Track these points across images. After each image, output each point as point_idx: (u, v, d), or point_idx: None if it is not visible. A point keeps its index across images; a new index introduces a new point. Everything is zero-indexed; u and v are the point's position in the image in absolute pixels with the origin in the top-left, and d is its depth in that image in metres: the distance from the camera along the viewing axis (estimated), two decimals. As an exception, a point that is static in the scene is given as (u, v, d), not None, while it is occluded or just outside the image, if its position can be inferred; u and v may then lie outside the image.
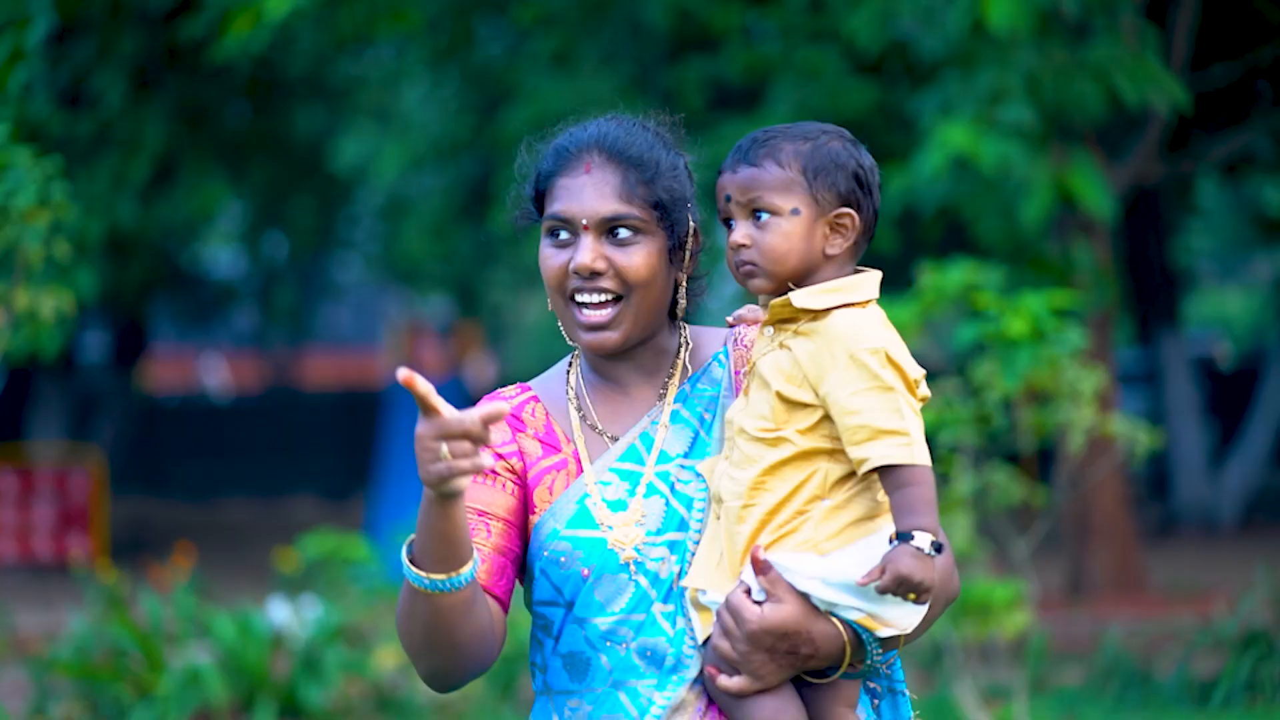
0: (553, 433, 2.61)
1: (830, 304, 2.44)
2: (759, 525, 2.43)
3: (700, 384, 2.61)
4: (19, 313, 6.35)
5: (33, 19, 10.07)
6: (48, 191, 6.29)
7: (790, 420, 2.43)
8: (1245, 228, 23.84)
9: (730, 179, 2.48)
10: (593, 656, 2.52)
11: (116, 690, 7.89)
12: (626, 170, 2.54)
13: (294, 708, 8.06)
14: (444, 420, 2.30)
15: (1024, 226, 9.15)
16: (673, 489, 2.54)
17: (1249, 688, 7.74)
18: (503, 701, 8.10)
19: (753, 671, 2.42)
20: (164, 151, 13.66)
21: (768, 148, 2.47)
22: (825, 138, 2.48)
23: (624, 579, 2.51)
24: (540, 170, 2.60)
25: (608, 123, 2.59)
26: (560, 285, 2.55)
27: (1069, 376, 6.01)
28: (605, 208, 2.53)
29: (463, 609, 2.44)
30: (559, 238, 2.55)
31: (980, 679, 7.38)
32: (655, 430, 2.58)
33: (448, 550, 2.40)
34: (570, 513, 2.55)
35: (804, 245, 2.45)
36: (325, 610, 8.40)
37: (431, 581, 2.41)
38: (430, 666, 2.50)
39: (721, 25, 10.88)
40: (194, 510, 21.35)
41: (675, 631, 2.49)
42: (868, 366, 2.38)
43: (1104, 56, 9.03)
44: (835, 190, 2.46)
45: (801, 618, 2.40)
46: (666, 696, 2.48)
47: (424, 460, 2.33)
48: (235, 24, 10.00)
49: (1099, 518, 11.52)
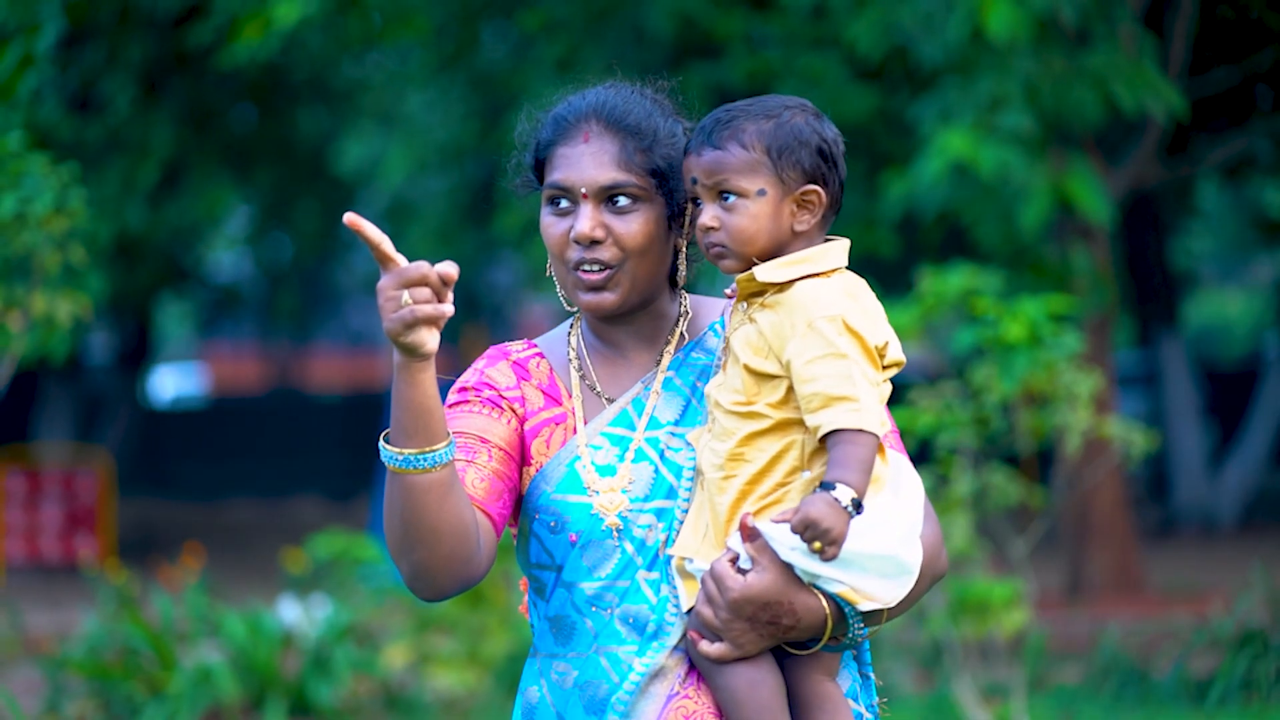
0: (555, 386, 2.62)
1: (793, 275, 2.45)
2: (739, 496, 2.43)
3: (695, 353, 2.62)
4: (36, 318, 6.47)
5: (42, 25, 10.17)
6: (64, 199, 6.41)
7: (760, 393, 2.44)
8: (1246, 230, 23.81)
9: (696, 161, 2.47)
10: (578, 620, 2.53)
11: (129, 688, 7.96)
12: (625, 138, 2.54)
13: (304, 706, 8.14)
14: (402, 269, 2.29)
15: (1023, 231, 9.24)
16: (662, 456, 2.55)
17: (1244, 686, 7.76)
18: (508, 700, 8.15)
19: (734, 639, 2.42)
20: (171, 156, 13.75)
21: (730, 129, 2.45)
22: (789, 114, 2.47)
23: (610, 545, 2.51)
24: (540, 139, 2.60)
25: (605, 90, 2.59)
26: (561, 252, 2.56)
27: (1065, 380, 6.11)
28: (604, 176, 2.53)
29: (440, 491, 2.40)
30: (559, 206, 2.56)
31: (980, 677, 7.42)
32: (647, 396, 2.59)
33: (419, 422, 2.37)
34: (560, 476, 2.55)
35: (771, 225, 2.45)
36: (335, 609, 8.48)
37: (405, 458, 2.38)
38: (411, 563, 2.45)
39: (724, 32, 10.96)
40: (199, 511, 21.41)
41: (658, 599, 2.50)
42: (823, 334, 2.39)
43: (1102, 64, 9.11)
44: (800, 168, 2.45)
45: (783, 588, 2.39)
46: (645, 663, 2.48)
47: (386, 311, 2.31)
48: (245, 31, 10.09)
49: (1098, 519, 11.60)
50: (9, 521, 15.49)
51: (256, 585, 12.14)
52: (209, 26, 11.53)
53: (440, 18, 12.14)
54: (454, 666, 8.10)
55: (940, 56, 9.04)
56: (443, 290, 2.30)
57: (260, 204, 19.22)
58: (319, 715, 8.11)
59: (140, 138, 13.29)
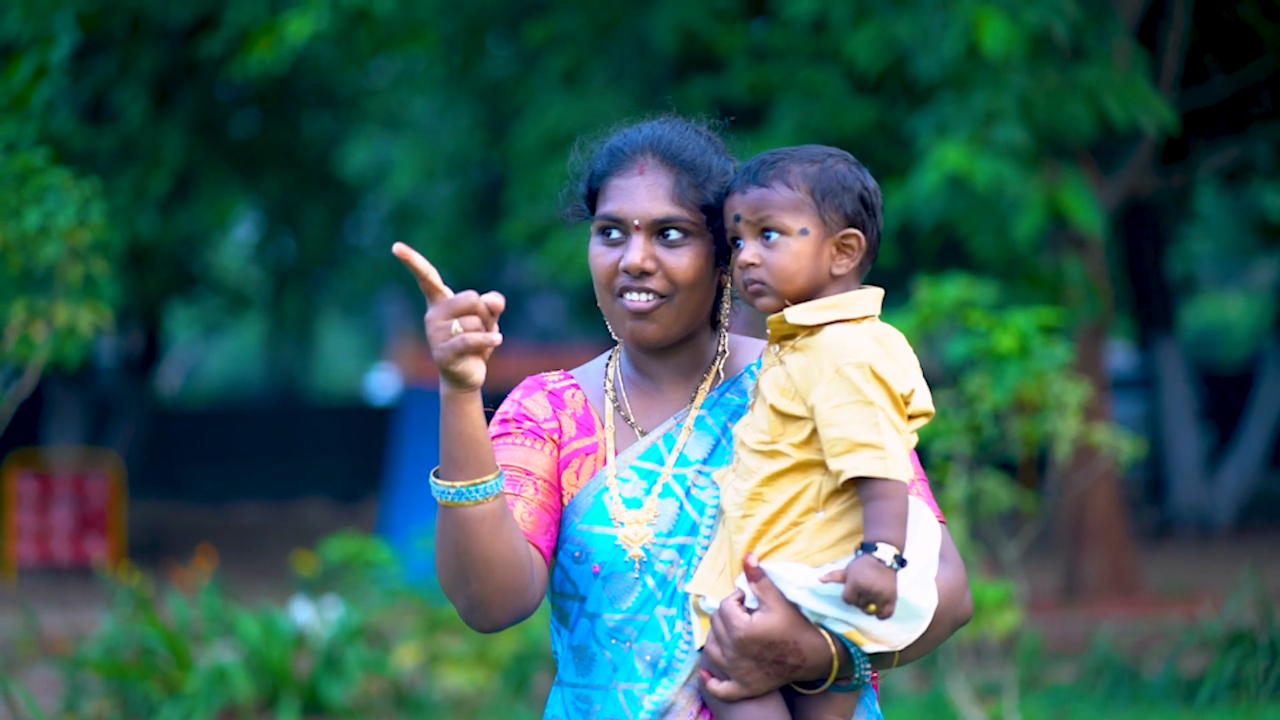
0: (589, 417, 2.63)
1: (823, 319, 2.46)
2: (755, 535, 2.45)
3: (729, 393, 2.62)
4: (60, 328, 6.65)
5: (57, 37, 10.31)
6: (86, 212, 6.59)
7: (785, 433, 2.45)
8: (1246, 233, 23.75)
9: (740, 199, 2.49)
10: (598, 652, 2.54)
11: (146, 688, 8.07)
12: (679, 173, 2.55)
13: (316, 704, 8.25)
14: (451, 299, 2.31)
15: (1017, 242, 9.37)
16: (688, 493, 2.55)
17: (1233, 686, 7.88)
18: (517, 699, 8.27)
19: (740, 678, 2.43)
20: (182, 164, 13.87)
21: (776, 169, 2.48)
22: (831, 160, 2.50)
23: (631, 578, 2.53)
24: (594, 169, 2.60)
25: (661, 125, 2.59)
26: (609, 282, 2.56)
27: (1055, 389, 6.28)
28: (658, 209, 2.54)
29: (493, 522, 2.41)
30: (610, 236, 2.56)
31: (975, 677, 7.54)
32: (679, 433, 2.59)
33: (468, 453, 2.38)
34: (588, 506, 2.56)
35: (812, 265, 2.47)
36: (346, 611, 8.59)
37: (457, 490, 2.39)
38: (468, 596, 2.46)
39: (726, 46, 11.09)
40: (207, 513, 21.48)
41: (671, 635, 2.51)
42: (851, 380, 2.40)
43: (1094, 78, 9.26)
44: (842, 211, 2.48)
45: (788, 628, 2.40)
46: (654, 700, 2.49)
47: (436, 340, 2.32)
48: (257, 46, 10.23)
49: (1093, 522, 11.72)
50: (20, 524, 15.58)
51: (266, 587, 12.22)
52: (219, 38, 11.67)
53: (448, 29, 12.28)
54: (463, 666, 8.19)
55: (937, 71, 9.16)
56: (490, 319, 2.32)
57: (267, 209, 19.31)
58: (331, 714, 8.22)
59: (152, 147, 13.41)
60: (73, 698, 8.19)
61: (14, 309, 6.57)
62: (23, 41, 10.35)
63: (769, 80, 10.79)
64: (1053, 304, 9.73)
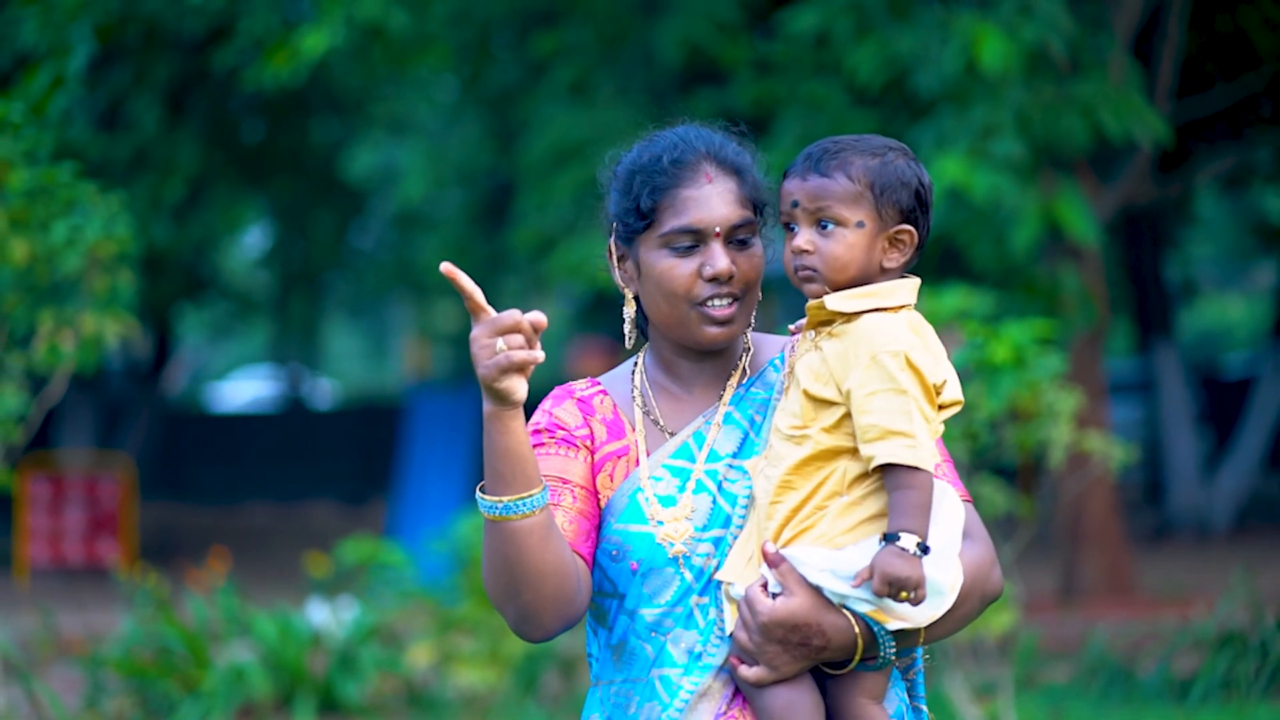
0: (619, 421, 2.65)
1: (862, 307, 2.48)
2: (783, 522, 2.48)
3: (755, 388, 2.65)
4: (86, 337, 6.85)
5: (73, 48, 10.49)
6: (113, 225, 6.80)
7: (816, 418, 2.48)
8: (1247, 236, 23.73)
9: (800, 185, 2.51)
10: (638, 646, 2.57)
11: (165, 686, 8.22)
12: (739, 177, 2.59)
13: (331, 702, 8.40)
14: (496, 317, 2.34)
15: (1014, 252, 9.51)
16: (720, 487, 2.58)
17: (1225, 685, 7.97)
18: (527, 697, 8.39)
19: (768, 662, 2.46)
20: (195, 172, 14.02)
21: (839, 159, 2.50)
22: (892, 155, 2.52)
23: (670, 572, 2.56)
24: (655, 184, 2.58)
25: (700, 130, 2.63)
26: (688, 291, 2.57)
27: (1048, 399, 6.48)
28: (734, 215, 2.57)
29: (541, 534, 2.45)
30: (679, 248, 2.57)
31: (973, 676, 7.69)
32: (708, 430, 2.61)
33: (514, 468, 2.42)
34: (623, 507, 2.59)
35: (864, 257, 2.49)
36: (361, 611, 8.73)
37: (505, 504, 2.43)
38: (517, 607, 2.49)
39: (730, 59, 11.25)
40: (216, 515, 21.58)
41: (706, 623, 2.55)
42: (886, 368, 2.42)
43: (1089, 93, 9.43)
44: (898, 207, 2.50)
45: (811, 610, 2.43)
46: (693, 683, 2.53)
47: (481, 359, 2.36)
48: (273, 61, 10.39)
49: (1090, 525, 11.83)
50: (33, 526, 15.72)
51: (276, 587, 12.31)
52: (233, 49, 11.83)
53: (458, 41, 12.42)
54: (475, 665, 8.30)
55: (936, 86, 9.29)
56: (533, 337, 2.36)
57: (276, 214, 19.45)
58: (346, 712, 8.36)
59: (166, 155, 13.55)
60: (94, 696, 8.31)
61: (42, 318, 6.80)
62: (40, 52, 10.52)
63: (773, 93, 10.90)
64: (1049, 313, 9.87)
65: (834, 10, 9.97)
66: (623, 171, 2.64)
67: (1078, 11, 9.82)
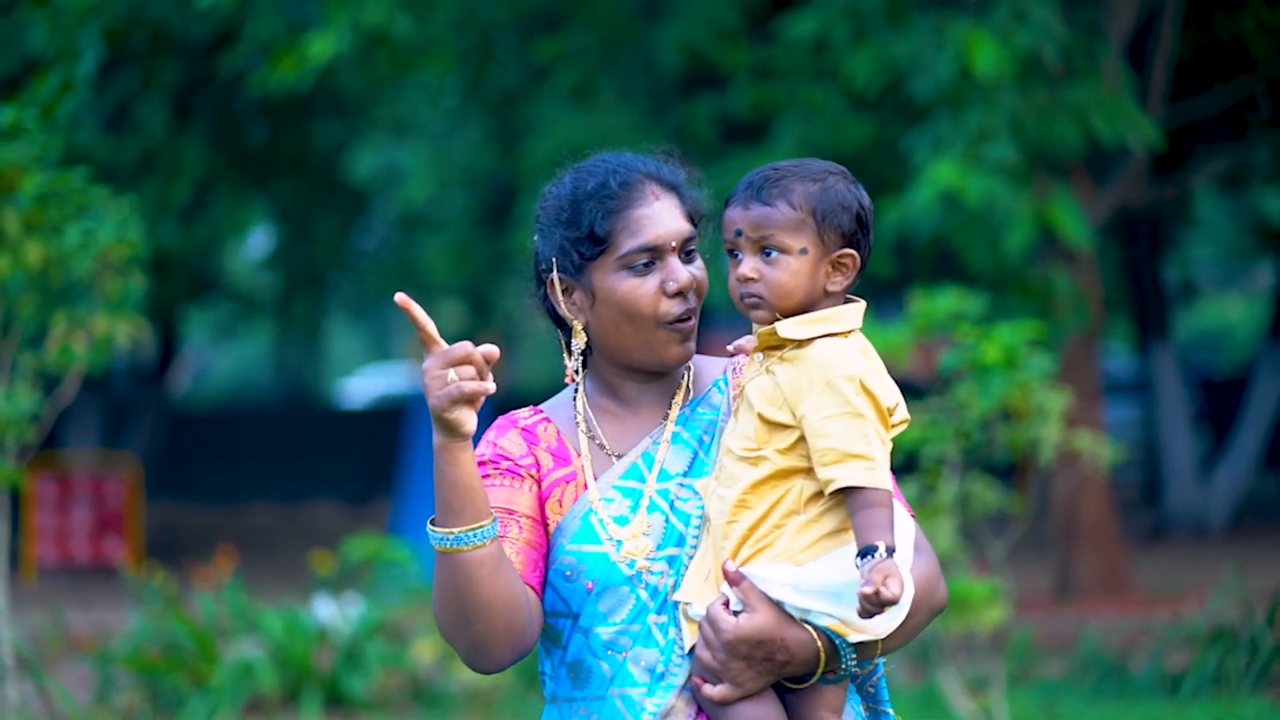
0: (564, 447, 2.64)
1: (814, 333, 2.50)
2: (740, 541, 2.50)
3: (700, 407, 2.65)
4: (98, 338, 6.98)
5: (82, 52, 10.59)
6: (125, 229, 6.93)
7: (770, 440, 2.49)
8: (1246, 236, 23.67)
9: (742, 214, 2.51)
10: (594, 665, 2.56)
11: (174, 681, 8.32)
12: (679, 194, 2.62)
13: (337, 697, 8.50)
14: (447, 350, 2.37)
15: (1008, 255, 9.64)
16: (672, 506, 2.58)
17: (1215, 680, 8.11)
18: (530, 690, 8.47)
19: (733, 679, 2.47)
20: (202, 175, 14.12)
21: (780, 187, 2.51)
22: (832, 179, 2.53)
23: (625, 591, 2.55)
24: (608, 208, 2.58)
25: (633, 155, 2.64)
26: (654, 310, 2.57)
27: (1038, 398, 6.62)
28: (684, 228, 2.59)
29: (491, 565, 2.45)
30: (638, 267, 2.58)
31: (966, 671, 7.79)
32: (656, 450, 2.61)
33: (464, 500, 2.42)
34: (575, 528, 2.58)
35: (809, 283, 2.51)
36: (367, 607, 8.83)
37: (455, 536, 2.42)
38: (468, 639, 2.49)
39: (730, 64, 11.36)
40: (221, 514, 21.63)
41: (666, 641, 2.54)
42: (842, 393, 2.44)
43: (1082, 98, 9.56)
44: (840, 231, 2.51)
45: (775, 626, 2.45)
46: (656, 703, 2.52)
47: (432, 389, 2.37)
48: (280, 66, 10.51)
49: (1085, 523, 11.91)
50: (40, 525, 15.77)
51: (281, 585, 12.37)
52: (239, 54, 11.94)
53: (461, 45, 12.53)
54: (478, 661, 8.48)
55: (932, 91, 9.41)
56: (485, 369, 2.38)
57: (280, 216, 19.52)
58: (351, 706, 8.46)
59: (172, 158, 13.65)
60: (104, 691, 8.41)
61: (55, 320, 6.93)
62: (49, 57, 10.62)
63: (772, 97, 11.02)
64: (1043, 314, 9.99)
65: (832, 16, 10.09)
66: (565, 203, 2.63)
67: (1072, 17, 9.96)
